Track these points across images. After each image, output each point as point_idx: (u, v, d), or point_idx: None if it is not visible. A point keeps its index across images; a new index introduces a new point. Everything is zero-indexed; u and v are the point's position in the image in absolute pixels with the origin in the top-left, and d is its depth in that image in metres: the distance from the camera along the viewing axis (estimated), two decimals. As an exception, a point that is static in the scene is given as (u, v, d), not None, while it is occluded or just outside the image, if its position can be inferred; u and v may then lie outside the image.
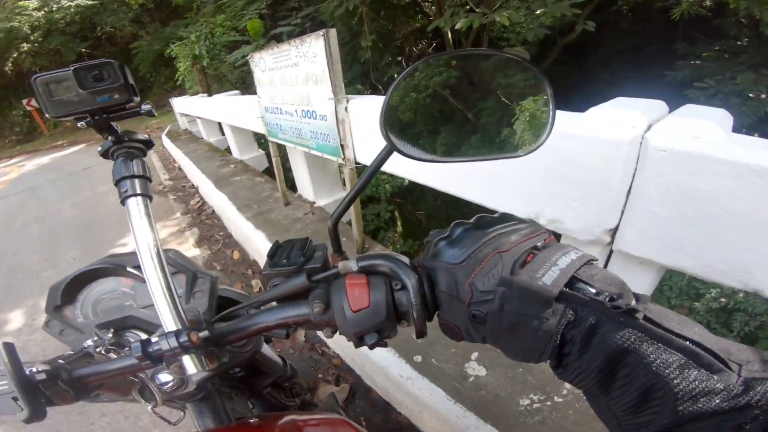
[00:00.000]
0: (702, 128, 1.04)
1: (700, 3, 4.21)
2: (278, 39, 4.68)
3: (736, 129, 1.14)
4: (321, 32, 1.78)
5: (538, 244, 0.38)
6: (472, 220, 0.43)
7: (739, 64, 4.70)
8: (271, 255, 0.51)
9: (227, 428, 0.64)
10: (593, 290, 0.34)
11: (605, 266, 1.33)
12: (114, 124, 0.54)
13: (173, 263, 0.64)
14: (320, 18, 4.52)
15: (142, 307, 0.63)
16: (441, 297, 0.40)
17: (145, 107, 0.54)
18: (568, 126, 1.19)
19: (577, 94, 6.28)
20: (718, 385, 0.27)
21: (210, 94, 5.63)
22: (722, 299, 3.35)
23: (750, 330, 3.20)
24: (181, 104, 7.79)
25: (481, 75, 0.49)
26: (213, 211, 4.22)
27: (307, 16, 4.64)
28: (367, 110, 1.90)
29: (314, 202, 3.18)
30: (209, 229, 3.84)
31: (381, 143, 0.44)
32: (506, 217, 0.43)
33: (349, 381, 1.71)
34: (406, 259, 0.44)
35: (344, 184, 3.28)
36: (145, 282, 0.50)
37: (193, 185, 5.31)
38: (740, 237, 0.98)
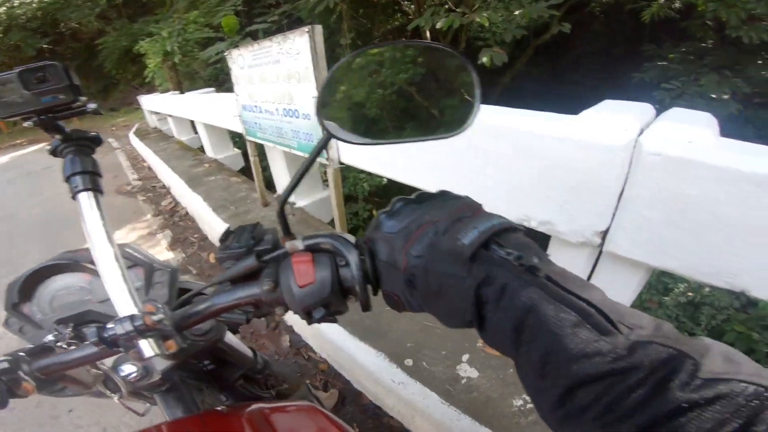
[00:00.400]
0: (694, 133, 1.05)
1: (669, 5, 4.34)
2: (254, 36, 4.58)
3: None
4: (306, 29, 1.73)
5: (469, 214, 0.40)
6: (412, 196, 0.46)
7: (703, 66, 4.88)
8: (223, 239, 0.52)
9: (195, 416, 0.64)
10: (506, 252, 0.35)
11: (594, 266, 1.34)
12: (61, 123, 0.57)
13: (129, 257, 0.65)
14: (297, 15, 4.44)
15: (100, 301, 0.64)
16: (381, 267, 0.42)
17: (91, 106, 0.57)
18: (560, 129, 1.20)
19: (549, 94, 6.41)
20: (605, 346, 0.28)
21: (182, 92, 5.48)
22: (689, 293, 3.46)
23: (717, 323, 3.31)
24: (150, 102, 7.54)
25: (445, 72, 0.50)
26: (187, 212, 4.09)
27: (284, 13, 4.56)
28: (353, 109, 1.85)
29: (294, 203, 3.12)
30: (183, 231, 3.71)
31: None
32: (444, 193, 0.45)
33: (338, 386, 1.67)
34: (350, 237, 0.46)
35: (326, 184, 3.24)
36: (99, 276, 0.52)
37: (164, 185, 5.13)
38: (727, 241, 1.00)
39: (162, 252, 3.36)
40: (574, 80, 6.48)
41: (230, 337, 0.82)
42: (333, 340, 1.66)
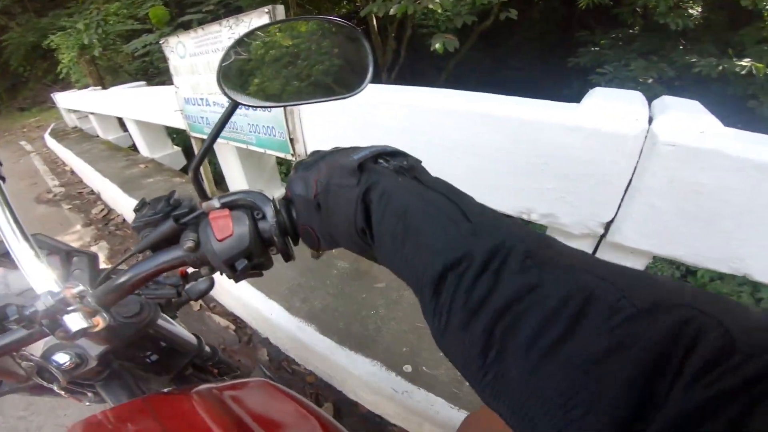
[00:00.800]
0: (703, 123, 1.06)
1: (604, -10, 4.53)
2: (186, 27, 4.25)
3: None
4: (266, 9, 1.56)
5: None
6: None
7: (631, 51, 5.18)
8: (138, 209, 0.51)
9: (139, 400, 0.62)
10: (390, 163, 0.39)
11: (594, 252, 1.32)
12: None
13: (43, 245, 0.64)
14: (237, 4, 4.16)
15: (18, 294, 0.62)
16: (296, 201, 0.44)
17: None
18: (563, 118, 1.15)
19: (493, 80, 6.55)
20: (455, 232, 0.30)
21: (104, 87, 5.01)
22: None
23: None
24: (67, 99, 6.74)
25: (360, 63, 0.52)
26: (123, 219, 3.72)
27: (222, 2, 4.25)
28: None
29: (250, 202, 2.92)
30: (122, 242, 3.36)
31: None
32: (357, 146, 0.48)
33: (331, 399, 1.55)
34: (266, 194, 0.48)
35: (284, 180, 3.05)
36: (13, 268, 0.50)
37: (92, 191, 4.65)
38: (735, 228, 1.02)
39: (100, 266, 3.03)
40: (515, 66, 6.66)
41: (171, 326, 0.81)
42: (319, 351, 1.54)
